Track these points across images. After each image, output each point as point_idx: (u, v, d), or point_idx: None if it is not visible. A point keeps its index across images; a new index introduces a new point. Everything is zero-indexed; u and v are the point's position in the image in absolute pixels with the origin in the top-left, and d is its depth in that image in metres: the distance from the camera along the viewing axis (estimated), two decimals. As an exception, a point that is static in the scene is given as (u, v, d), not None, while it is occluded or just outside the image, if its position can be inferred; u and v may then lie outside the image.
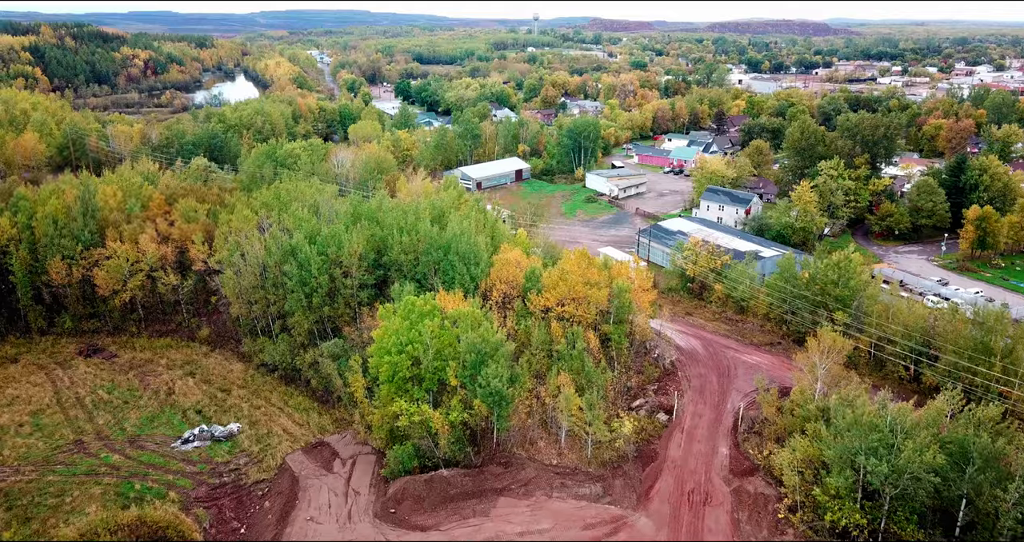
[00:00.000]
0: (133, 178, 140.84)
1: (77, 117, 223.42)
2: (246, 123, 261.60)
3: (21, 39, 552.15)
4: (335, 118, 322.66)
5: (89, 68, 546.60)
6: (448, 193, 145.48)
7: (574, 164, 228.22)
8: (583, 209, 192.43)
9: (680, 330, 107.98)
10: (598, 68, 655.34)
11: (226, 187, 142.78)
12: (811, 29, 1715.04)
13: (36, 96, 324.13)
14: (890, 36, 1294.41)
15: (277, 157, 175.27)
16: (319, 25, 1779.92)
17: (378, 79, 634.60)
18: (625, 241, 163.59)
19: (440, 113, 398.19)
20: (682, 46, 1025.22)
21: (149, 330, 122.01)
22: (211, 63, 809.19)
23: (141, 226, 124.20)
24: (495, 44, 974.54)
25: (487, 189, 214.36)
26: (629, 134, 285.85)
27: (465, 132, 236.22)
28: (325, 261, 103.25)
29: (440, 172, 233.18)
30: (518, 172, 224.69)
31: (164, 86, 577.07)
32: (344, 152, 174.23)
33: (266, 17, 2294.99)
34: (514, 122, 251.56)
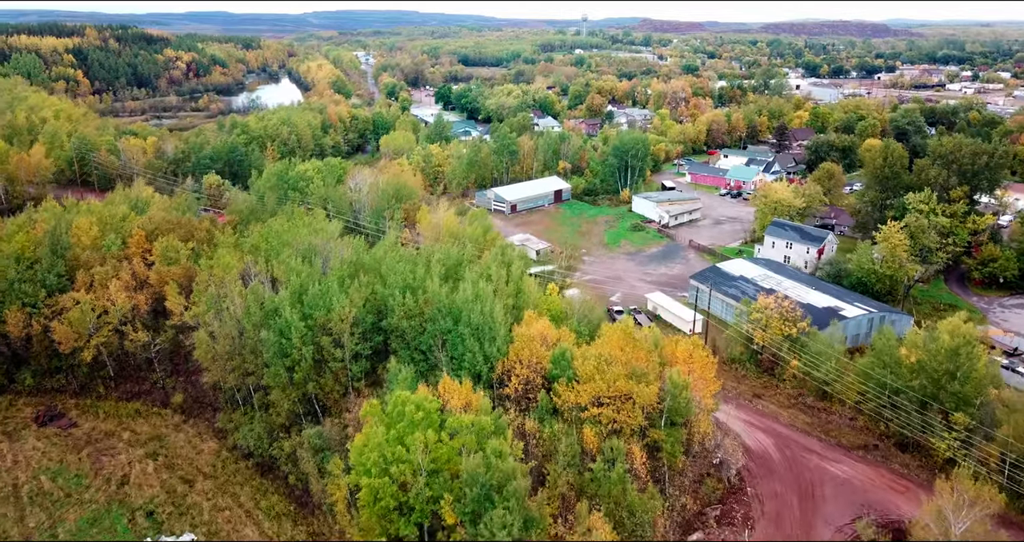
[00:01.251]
0: (116, 208, 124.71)
1: (88, 130, 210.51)
2: (271, 134, 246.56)
3: (66, 41, 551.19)
4: (368, 127, 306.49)
5: (131, 70, 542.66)
6: (472, 229, 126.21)
7: (620, 184, 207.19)
8: (629, 239, 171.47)
9: (747, 420, 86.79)
10: (647, 72, 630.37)
11: (217, 224, 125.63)
12: (869, 30, 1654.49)
13: (62, 101, 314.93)
14: (954, 38, 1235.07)
15: (289, 179, 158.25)
16: (368, 25, 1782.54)
17: (421, 82, 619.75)
18: (677, 282, 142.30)
19: (480, 121, 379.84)
20: (735, 48, 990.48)
21: (119, 390, 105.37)
22: (256, 64, 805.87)
23: (116, 268, 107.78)
24: (542, 46, 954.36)
25: (523, 212, 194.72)
26: (680, 149, 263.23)
27: (501, 148, 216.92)
28: (311, 327, 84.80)
29: (473, 191, 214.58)
30: (557, 193, 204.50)
31: (205, 88, 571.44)
32: (363, 174, 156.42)
33: (318, 17, 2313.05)
34: (555, 136, 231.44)
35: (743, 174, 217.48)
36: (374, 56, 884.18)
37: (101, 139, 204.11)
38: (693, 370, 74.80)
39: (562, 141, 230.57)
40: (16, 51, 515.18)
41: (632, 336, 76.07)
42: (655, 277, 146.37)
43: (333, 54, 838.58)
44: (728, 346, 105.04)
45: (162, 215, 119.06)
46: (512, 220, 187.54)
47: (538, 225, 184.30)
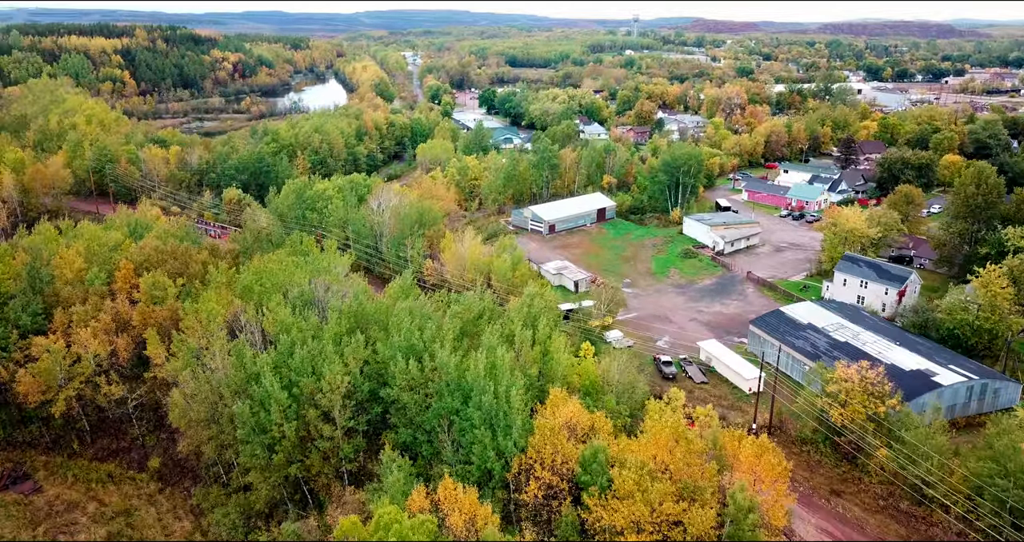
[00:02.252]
0: (110, 234, 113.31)
1: (113, 138, 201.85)
2: (302, 142, 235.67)
3: (115, 42, 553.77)
4: (406, 134, 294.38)
5: (177, 71, 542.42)
6: (500, 262, 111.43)
7: (669, 202, 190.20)
8: (678, 267, 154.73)
9: (823, 528, 70.18)
10: (700, 74, 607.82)
11: (224, 247, 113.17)
12: (933, 31, 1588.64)
13: (98, 105, 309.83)
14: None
15: (307, 198, 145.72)
16: (419, 25, 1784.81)
17: (466, 84, 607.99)
18: (734, 324, 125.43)
19: (523, 127, 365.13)
20: (791, 49, 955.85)
21: (95, 446, 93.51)
22: (304, 65, 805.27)
23: (97, 307, 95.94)
24: (591, 46, 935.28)
25: (562, 233, 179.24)
26: (736, 161, 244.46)
27: (541, 161, 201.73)
28: (296, 397, 71.18)
29: (510, 207, 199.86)
30: (600, 211, 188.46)
31: (250, 89, 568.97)
32: (387, 193, 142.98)
33: (370, 17, 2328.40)
34: (600, 148, 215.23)
35: (806, 193, 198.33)
36: (421, 57, 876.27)
37: (122, 149, 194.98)
38: (760, 478, 58.78)
39: (607, 154, 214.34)
40: (66, 52, 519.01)
41: (684, 434, 60.27)
42: (708, 316, 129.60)
43: (380, 55, 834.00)
44: (798, 423, 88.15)
45: (154, 244, 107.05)
46: (550, 242, 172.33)
47: (578, 248, 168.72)
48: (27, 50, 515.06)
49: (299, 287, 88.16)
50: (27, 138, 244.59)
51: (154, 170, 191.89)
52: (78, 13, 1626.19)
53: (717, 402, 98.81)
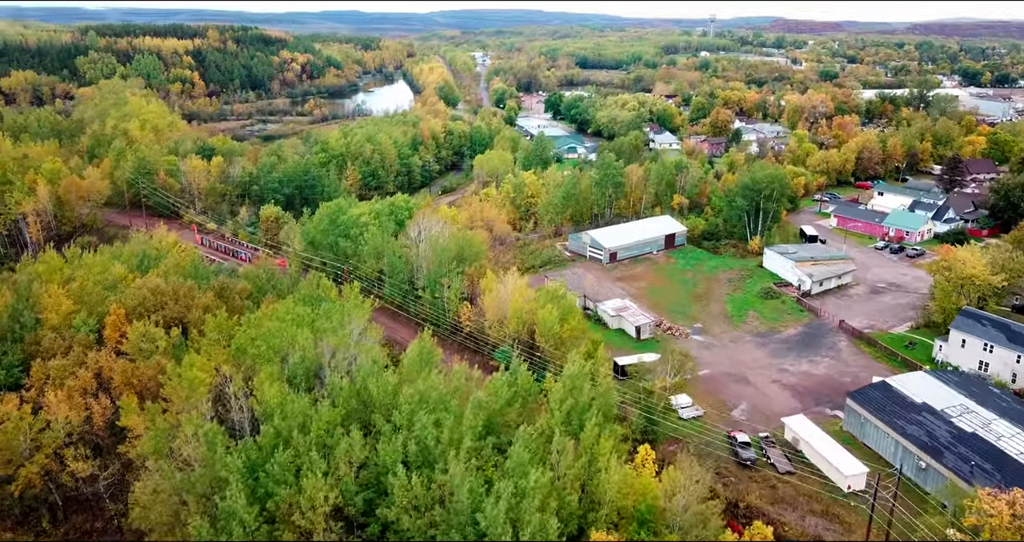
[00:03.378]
0: (112, 267, 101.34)
1: (150, 150, 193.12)
2: (353, 152, 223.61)
3: (186, 43, 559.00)
4: (464, 143, 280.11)
5: (245, 72, 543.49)
6: (546, 313, 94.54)
7: (748, 229, 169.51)
8: (758, 310, 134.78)
9: None
10: (780, 78, 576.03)
11: (234, 288, 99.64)
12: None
13: (158, 107, 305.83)
14: None
15: (340, 224, 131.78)
16: (491, 24, 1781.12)
17: (534, 87, 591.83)
18: (825, 390, 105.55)
19: (589, 135, 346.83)
20: (879, 51, 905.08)
21: (68, 523, 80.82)
22: (373, 65, 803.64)
23: (80, 359, 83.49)
24: (665, 47, 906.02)
25: (625, 261, 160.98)
26: (823, 180, 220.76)
27: (604, 179, 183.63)
28: (272, 514, 56.17)
29: (568, 229, 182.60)
30: (669, 237, 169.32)
31: (318, 91, 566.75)
32: (428, 220, 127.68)
33: (444, 16, 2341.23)
34: (670, 164, 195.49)
35: (906, 221, 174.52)
36: (491, 57, 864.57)
37: (162, 160, 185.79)
38: None
39: (679, 171, 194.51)
40: (139, 52, 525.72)
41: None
42: (794, 378, 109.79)
43: (450, 55, 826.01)
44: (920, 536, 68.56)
45: (154, 284, 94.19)
46: (610, 273, 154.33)
47: (642, 281, 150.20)
48: (103, 51, 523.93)
49: (301, 352, 73.26)
50: (81, 143, 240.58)
51: (194, 182, 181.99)
52: (169, 12, 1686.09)
53: (806, 504, 79.83)
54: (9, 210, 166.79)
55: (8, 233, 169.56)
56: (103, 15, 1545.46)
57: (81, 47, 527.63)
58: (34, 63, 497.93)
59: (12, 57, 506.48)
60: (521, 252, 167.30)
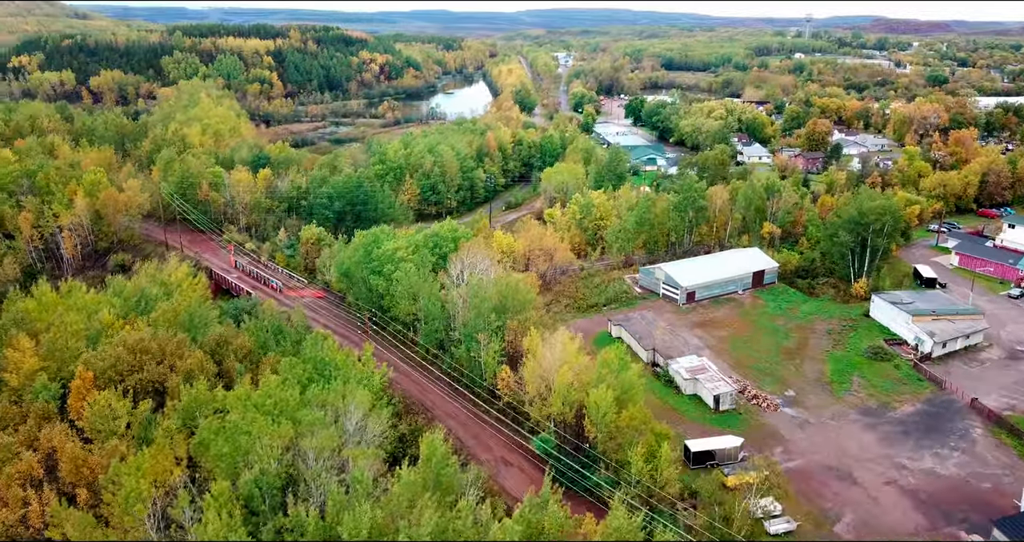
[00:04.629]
0: (101, 313, 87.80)
1: (193, 161, 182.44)
2: (413, 164, 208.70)
3: (268, 43, 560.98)
4: (534, 154, 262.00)
5: (324, 73, 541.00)
6: (601, 395, 75.37)
7: (851, 267, 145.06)
8: (865, 375, 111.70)
9: None
10: (882, 83, 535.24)
11: (231, 343, 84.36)
12: None
13: (224, 110, 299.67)
14: None
15: (375, 259, 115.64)
16: (578, 24, 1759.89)
17: (615, 90, 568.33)
18: (957, 498, 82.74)
19: (671, 144, 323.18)
20: (993, 54, 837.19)
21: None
22: (454, 66, 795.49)
23: (32, 435, 69.60)
24: (756, 49, 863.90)
25: (704, 301, 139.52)
26: (940, 206, 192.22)
27: (684, 202, 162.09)
28: None
29: (641, 257, 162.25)
30: (758, 274, 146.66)
31: (395, 92, 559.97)
32: (473, 255, 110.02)
33: (530, 15, 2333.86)
34: (760, 187, 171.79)
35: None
36: (574, 58, 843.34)
37: (207, 171, 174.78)
38: None
39: (770, 194, 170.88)
40: (221, 52, 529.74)
41: None
42: (915, 479, 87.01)
43: (531, 56, 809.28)
44: None
45: (135, 339, 79.72)
46: (687, 317, 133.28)
47: (723, 328, 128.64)
48: (187, 51, 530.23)
49: (260, 464, 56.56)
50: (142, 148, 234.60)
51: (238, 196, 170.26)
52: (265, 12, 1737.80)
53: None
54: (46, 223, 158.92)
55: (45, 247, 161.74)
56: (204, 15, 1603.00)
57: (167, 47, 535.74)
58: (122, 63, 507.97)
59: (102, 57, 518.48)
60: (584, 285, 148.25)
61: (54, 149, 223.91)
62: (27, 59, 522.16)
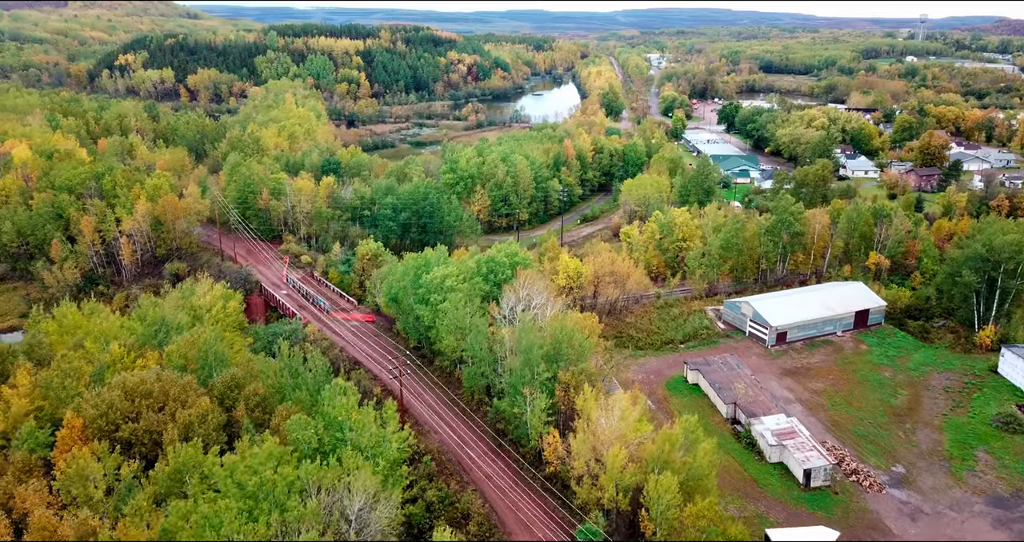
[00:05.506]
0: (112, 348, 79.90)
1: (257, 167, 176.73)
2: (485, 173, 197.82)
3: (357, 43, 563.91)
4: (616, 163, 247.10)
5: (411, 73, 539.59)
6: (663, 483, 61.52)
7: (976, 311, 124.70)
8: (993, 450, 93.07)
9: None
10: (1006, 90, 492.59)
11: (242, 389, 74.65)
12: None
13: (303, 110, 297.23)
14: None
15: (422, 286, 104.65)
16: (674, 24, 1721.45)
17: (709, 93, 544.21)
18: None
19: (767, 154, 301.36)
20: None
21: None
22: (543, 67, 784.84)
23: (7, 490, 61.55)
24: (864, 51, 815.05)
25: (796, 343, 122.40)
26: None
27: (777, 226, 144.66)
28: None
29: (725, 286, 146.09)
30: (861, 313, 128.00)
31: (481, 94, 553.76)
32: (527, 286, 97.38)
33: (626, 15, 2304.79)
34: (866, 211, 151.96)
35: None
36: (667, 60, 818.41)
37: (268, 179, 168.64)
38: None
39: (878, 219, 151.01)
40: (312, 52, 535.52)
41: None
42: (1059, 599, 69.17)
43: (623, 57, 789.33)
44: None
45: (137, 380, 70.99)
46: (776, 362, 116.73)
47: (819, 379, 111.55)
48: (280, 50, 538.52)
49: None
50: (220, 148, 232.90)
51: (301, 204, 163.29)
52: (366, 11, 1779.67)
53: None
54: (108, 227, 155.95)
55: (107, 252, 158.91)
56: (309, 14, 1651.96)
57: (261, 47, 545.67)
58: (218, 61, 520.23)
59: (201, 55, 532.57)
60: (660, 317, 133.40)
61: (133, 149, 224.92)
62: (132, 57, 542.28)
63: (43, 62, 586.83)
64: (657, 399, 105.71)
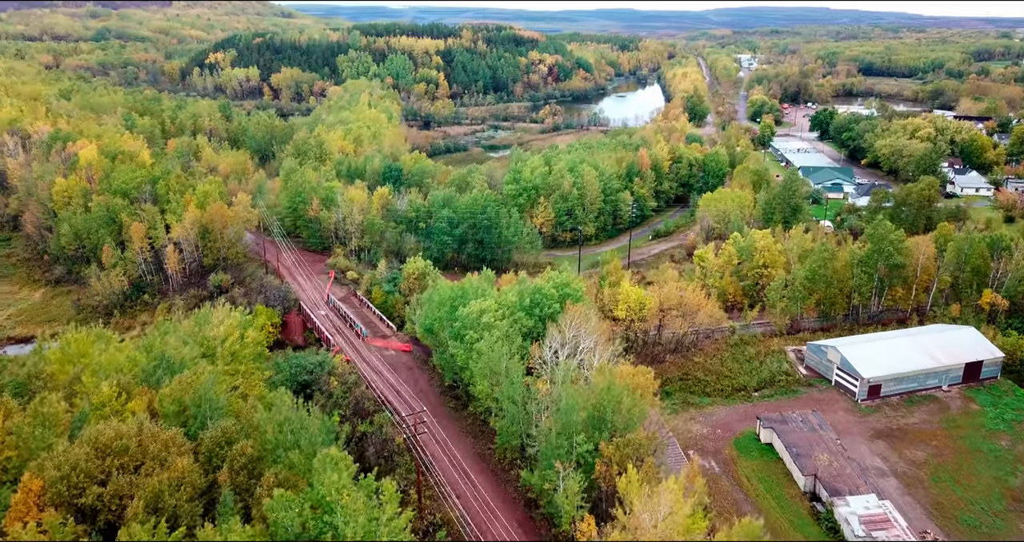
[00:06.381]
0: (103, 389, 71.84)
1: (311, 174, 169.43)
2: (551, 185, 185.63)
3: (438, 42, 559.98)
4: (695, 174, 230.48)
5: (490, 73, 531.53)
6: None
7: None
8: None
9: None
10: None
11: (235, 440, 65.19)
12: None
13: (374, 111, 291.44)
14: None
15: (457, 321, 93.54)
16: (768, 23, 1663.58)
17: (802, 97, 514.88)
18: None
19: (864, 166, 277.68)
20: None
21: None
22: (628, 68, 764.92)
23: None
24: (975, 53, 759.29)
25: (892, 398, 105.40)
26: None
27: (874, 256, 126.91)
28: None
29: (809, 321, 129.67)
30: (972, 366, 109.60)
31: (561, 95, 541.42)
32: (575, 325, 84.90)
33: (718, 14, 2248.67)
34: (980, 240, 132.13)
35: None
36: (758, 61, 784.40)
37: (320, 187, 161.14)
38: None
39: (994, 251, 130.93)
40: (393, 52, 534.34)
41: None
42: None
43: (711, 57, 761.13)
44: None
45: (111, 435, 62.33)
46: (866, 421, 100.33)
47: (919, 446, 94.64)
48: (362, 50, 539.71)
49: None
50: (285, 151, 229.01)
51: (349, 216, 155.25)
52: (457, 11, 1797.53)
53: None
54: (157, 234, 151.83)
55: (156, 259, 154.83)
56: (400, 13, 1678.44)
57: (343, 46, 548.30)
58: (301, 60, 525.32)
59: (285, 54, 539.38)
60: (732, 356, 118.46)
61: (198, 151, 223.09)
62: (222, 55, 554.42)
63: (142, 60, 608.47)
64: (723, 460, 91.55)
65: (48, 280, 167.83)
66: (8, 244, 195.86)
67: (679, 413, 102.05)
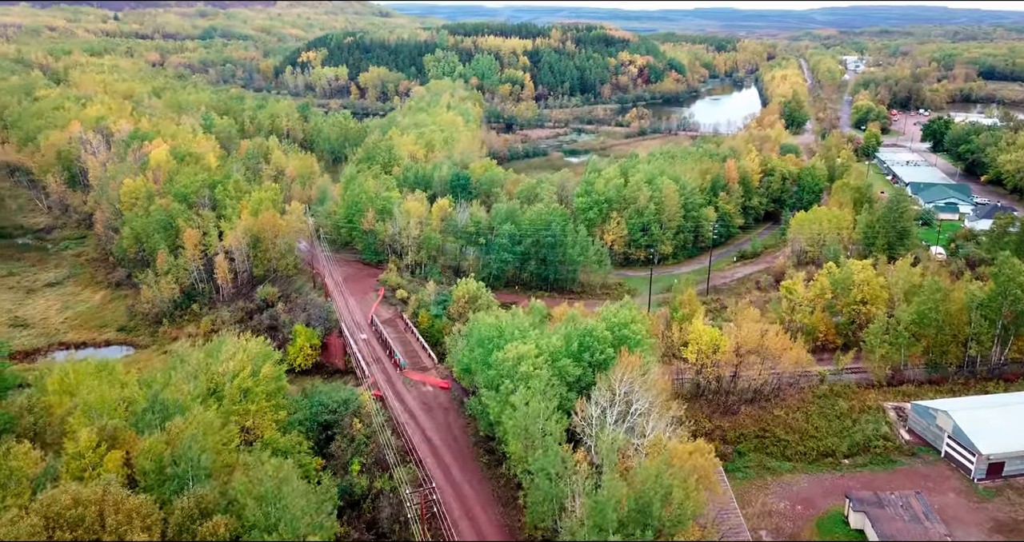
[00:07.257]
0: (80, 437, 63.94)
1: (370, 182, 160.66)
2: (627, 198, 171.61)
3: (526, 42, 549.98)
4: (788, 188, 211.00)
5: (578, 74, 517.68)
6: None
7: None
8: None
9: None
10: None
11: (212, 511, 55.69)
12: None
13: (451, 113, 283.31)
14: None
15: (492, 367, 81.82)
16: (877, 22, 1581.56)
17: (914, 103, 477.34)
18: None
19: (985, 184, 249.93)
20: None
21: None
22: (723, 69, 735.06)
23: None
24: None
25: (1017, 479, 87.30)
26: None
27: (998, 297, 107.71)
28: None
29: (914, 371, 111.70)
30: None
31: (651, 97, 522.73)
32: (628, 380, 71.92)
33: (823, 14, 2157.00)
34: None
35: None
36: (865, 63, 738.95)
37: (377, 198, 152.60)
38: None
39: None
40: (480, 51, 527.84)
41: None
42: None
43: (814, 59, 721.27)
44: None
45: (70, 499, 53.86)
46: (983, 508, 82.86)
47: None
48: (449, 49, 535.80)
49: None
50: (356, 154, 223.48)
51: (405, 229, 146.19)
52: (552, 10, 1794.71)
53: None
54: (210, 241, 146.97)
55: (208, 268, 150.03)
56: (497, 12, 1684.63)
57: (431, 45, 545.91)
58: (389, 60, 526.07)
59: (374, 53, 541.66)
60: (819, 410, 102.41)
61: (268, 153, 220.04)
62: (313, 54, 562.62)
63: (241, 58, 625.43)
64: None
65: (109, 282, 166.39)
66: (82, 242, 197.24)
67: (752, 480, 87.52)
